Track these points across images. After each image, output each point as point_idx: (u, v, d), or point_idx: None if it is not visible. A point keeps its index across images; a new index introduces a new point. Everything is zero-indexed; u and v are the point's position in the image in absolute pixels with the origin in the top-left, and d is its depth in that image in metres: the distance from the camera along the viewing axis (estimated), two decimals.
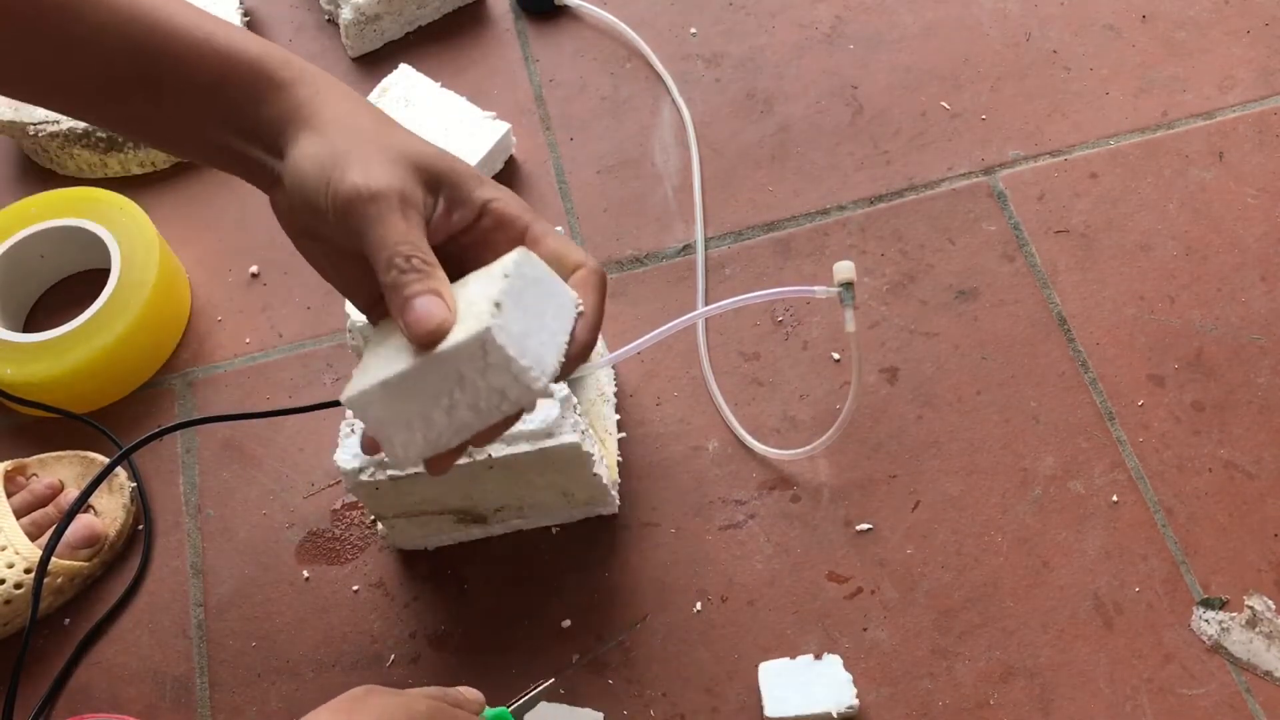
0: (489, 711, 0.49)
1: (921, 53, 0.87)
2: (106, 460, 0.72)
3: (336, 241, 0.48)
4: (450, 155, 0.50)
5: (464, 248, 0.50)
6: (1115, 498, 0.70)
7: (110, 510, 0.72)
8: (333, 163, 0.46)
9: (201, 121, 0.49)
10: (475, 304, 0.45)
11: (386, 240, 0.44)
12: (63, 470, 0.73)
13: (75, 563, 0.69)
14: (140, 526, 0.73)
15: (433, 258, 0.45)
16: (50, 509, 0.70)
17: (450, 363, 0.44)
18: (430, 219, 0.47)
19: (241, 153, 0.49)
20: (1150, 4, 0.88)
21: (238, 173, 0.51)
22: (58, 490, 0.72)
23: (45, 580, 0.67)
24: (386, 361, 0.46)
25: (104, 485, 0.72)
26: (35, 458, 0.73)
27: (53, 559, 0.67)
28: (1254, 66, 0.85)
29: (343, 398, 0.46)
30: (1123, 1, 0.88)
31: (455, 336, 0.44)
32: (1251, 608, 0.66)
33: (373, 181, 0.45)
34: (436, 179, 0.48)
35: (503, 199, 0.50)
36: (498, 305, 0.44)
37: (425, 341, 0.44)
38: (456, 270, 0.49)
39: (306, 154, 0.47)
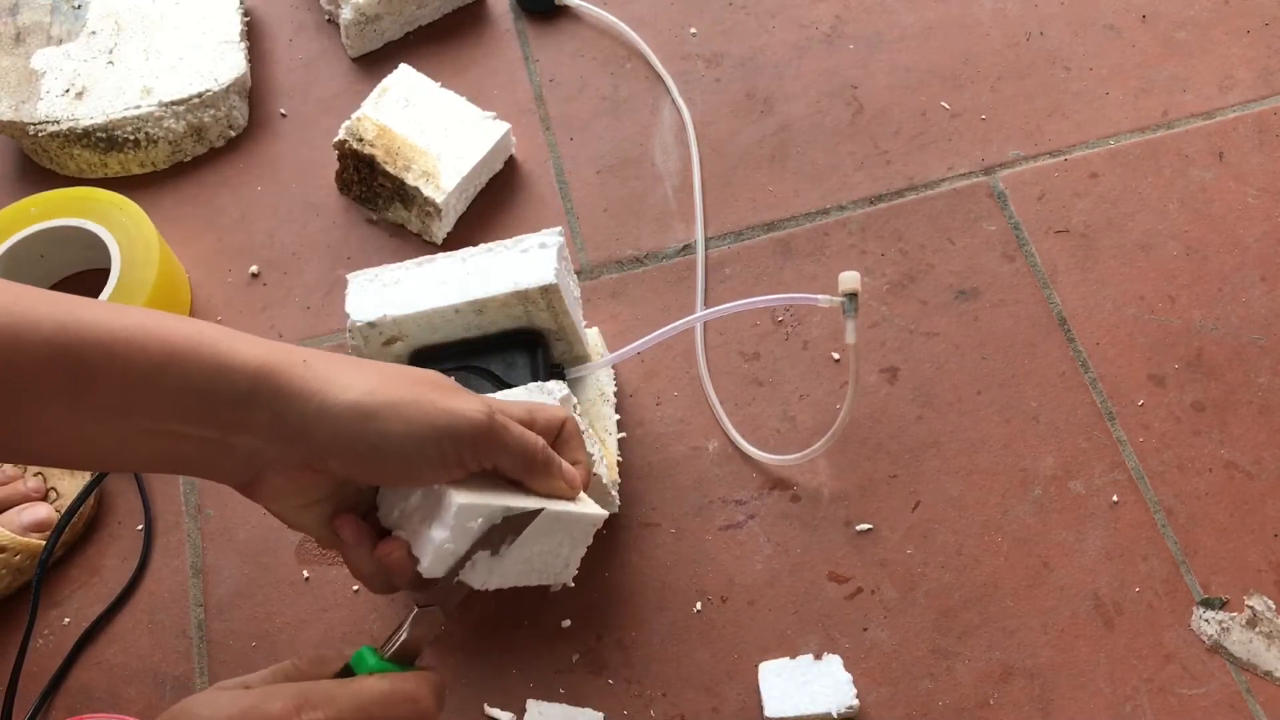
0: (356, 655, 0.49)
1: (921, 53, 0.87)
2: None
3: (354, 482, 0.50)
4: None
5: None
6: (1115, 498, 0.70)
7: (69, 491, 0.72)
8: (427, 414, 0.47)
9: (139, 414, 0.45)
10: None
11: (526, 439, 0.51)
12: None
13: (34, 540, 0.69)
14: (140, 527, 0.73)
15: None
16: (4, 490, 0.71)
17: (568, 522, 0.54)
18: None
19: (195, 438, 0.46)
20: (1150, 4, 0.88)
21: (184, 468, 0.48)
22: (16, 476, 0.72)
23: (2, 557, 0.68)
24: (493, 498, 0.50)
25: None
26: None
27: (11, 535, 0.68)
28: (1254, 66, 0.85)
29: (461, 500, 0.48)
30: (1123, 1, 0.88)
31: (580, 508, 0.55)
32: (1252, 608, 0.66)
33: (480, 407, 0.49)
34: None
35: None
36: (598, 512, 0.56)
37: (578, 491, 0.54)
38: None
39: (358, 412, 0.46)
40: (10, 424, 0.44)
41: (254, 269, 0.82)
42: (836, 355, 0.75)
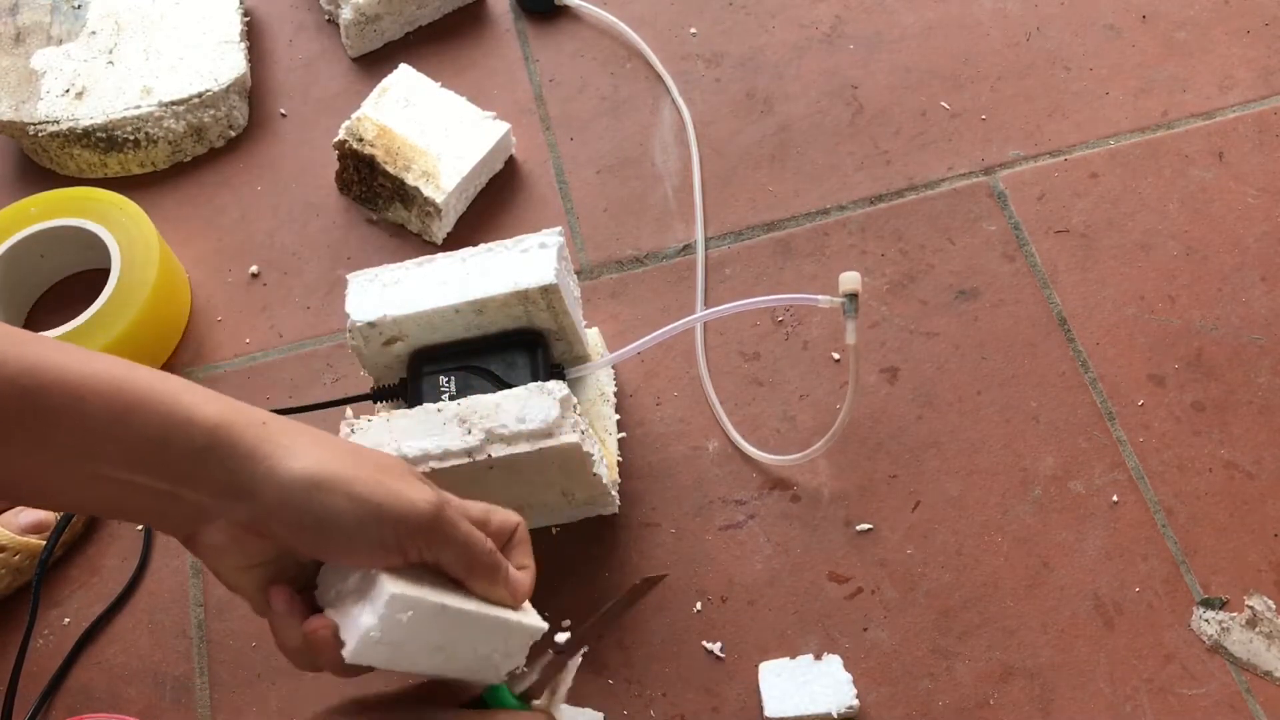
0: (491, 691, 0.50)
1: (921, 53, 0.87)
2: None
3: (296, 555, 0.49)
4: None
5: None
6: (1115, 498, 0.70)
7: None
8: (373, 495, 0.47)
9: (94, 460, 0.45)
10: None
11: (473, 539, 0.50)
12: None
13: (34, 540, 0.70)
14: (141, 527, 0.73)
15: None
16: None
17: (506, 630, 0.52)
18: None
19: (146, 488, 0.46)
20: (1150, 4, 0.88)
21: (132, 515, 0.48)
22: None
23: (2, 556, 0.68)
24: (429, 593, 0.49)
25: None
26: None
27: (11, 535, 0.69)
28: (1254, 66, 0.85)
29: (394, 590, 0.47)
30: (1122, 1, 0.88)
31: (522, 618, 0.53)
32: (1251, 608, 0.66)
33: (431, 498, 0.49)
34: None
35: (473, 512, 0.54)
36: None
37: (520, 601, 0.53)
38: None
39: (306, 480, 0.46)
40: None
41: (254, 269, 0.82)
42: (836, 355, 0.75)
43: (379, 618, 0.47)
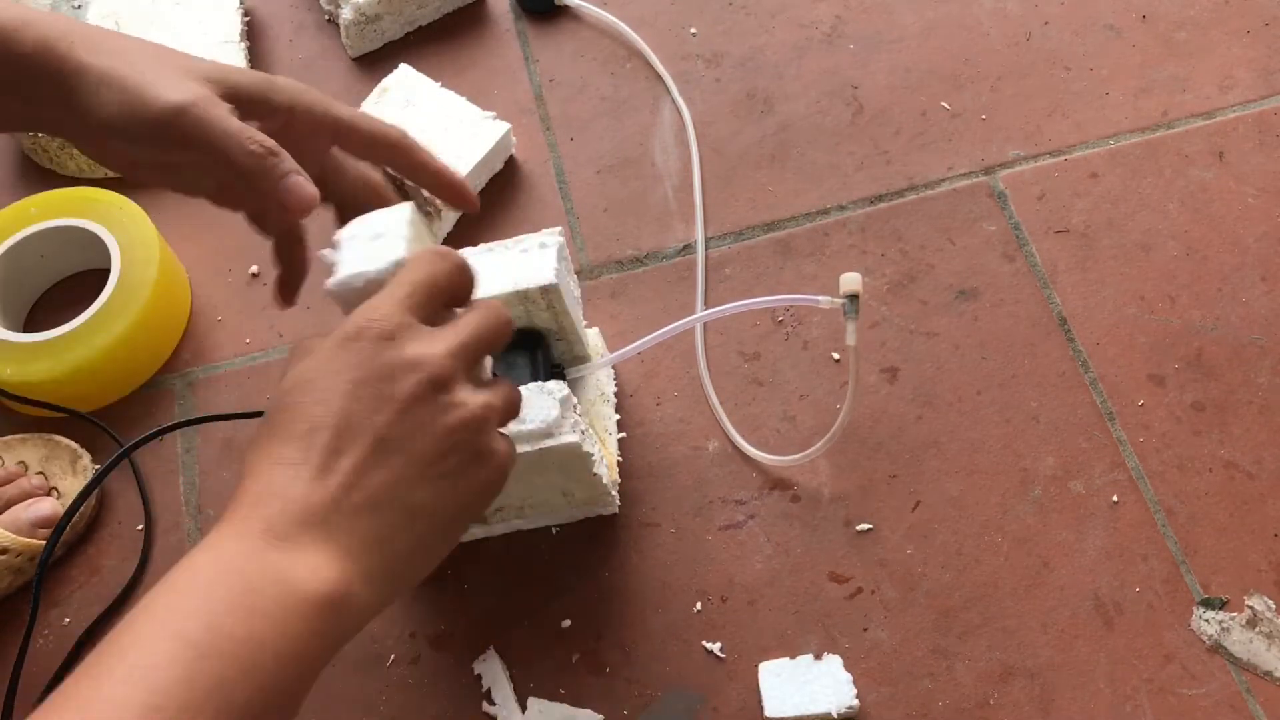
0: None
1: (921, 53, 0.87)
2: (70, 443, 0.74)
3: (172, 162, 0.51)
4: (233, 67, 0.52)
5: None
6: (1115, 498, 0.70)
7: (71, 491, 0.72)
8: (134, 93, 0.48)
9: None
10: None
11: (229, 134, 0.49)
12: (27, 452, 0.74)
13: (35, 541, 0.70)
14: (141, 527, 0.73)
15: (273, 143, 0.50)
16: (9, 489, 0.71)
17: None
18: None
19: (16, 112, 0.50)
20: (1150, 4, 0.88)
21: (11, 126, 0.53)
22: (18, 474, 0.72)
23: (4, 559, 0.68)
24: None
25: (69, 466, 0.73)
26: None
27: (12, 536, 0.69)
28: (1254, 66, 0.85)
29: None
30: (1123, 1, 0.88)
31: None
32: (1252, 608, 0.66)
33: (185, 93, 0.48)
34: (234, 92, 0.51)
35: (304, 102, 0.52)
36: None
37: (300, 211, 0.50)
38: None
39: (101, 99, 0.48)
40: None
41: (254, 269, 0.82)
42: (836, 355, 0.75)
43: None
